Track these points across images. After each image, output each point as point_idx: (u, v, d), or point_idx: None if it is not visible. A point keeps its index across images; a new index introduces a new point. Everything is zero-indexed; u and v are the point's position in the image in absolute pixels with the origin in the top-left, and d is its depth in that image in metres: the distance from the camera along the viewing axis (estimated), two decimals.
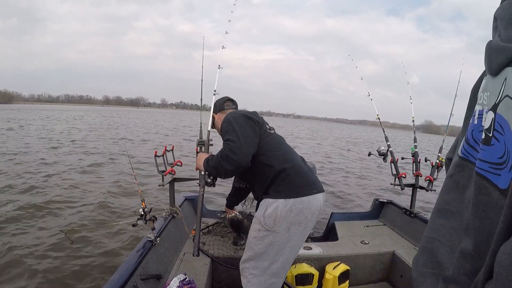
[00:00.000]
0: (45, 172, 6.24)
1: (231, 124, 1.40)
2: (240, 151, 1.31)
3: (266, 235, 1.35)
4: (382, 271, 2.24)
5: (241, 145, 1.32)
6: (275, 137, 1.52)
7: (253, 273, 1.40)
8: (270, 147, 1.44)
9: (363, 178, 8.53)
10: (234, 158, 1.31)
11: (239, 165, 1.33)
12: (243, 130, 1.37)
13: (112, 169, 7.02)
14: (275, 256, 1.36)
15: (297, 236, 1.36)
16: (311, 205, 1.35)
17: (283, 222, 1.32)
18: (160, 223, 1.93)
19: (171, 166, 2.05)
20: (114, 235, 3.48)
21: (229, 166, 1.34)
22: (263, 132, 1.48)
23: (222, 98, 1.80)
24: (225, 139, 1.38)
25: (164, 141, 13.82)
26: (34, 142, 10.73)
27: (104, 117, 34.98)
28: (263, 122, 1.53)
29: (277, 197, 1.34)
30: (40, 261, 2.86)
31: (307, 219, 1.35)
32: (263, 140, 1.45)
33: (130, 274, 1.38)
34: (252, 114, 1.51)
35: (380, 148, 2.45)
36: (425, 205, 5.14)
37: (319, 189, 1.42)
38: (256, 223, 1.40)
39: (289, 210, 1.32)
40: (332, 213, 2.80)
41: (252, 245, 1.40)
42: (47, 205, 4.30)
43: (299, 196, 1.33)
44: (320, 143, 20.50)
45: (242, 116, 1.45)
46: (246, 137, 1.36)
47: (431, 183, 2.38)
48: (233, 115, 1.47)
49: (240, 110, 1.67)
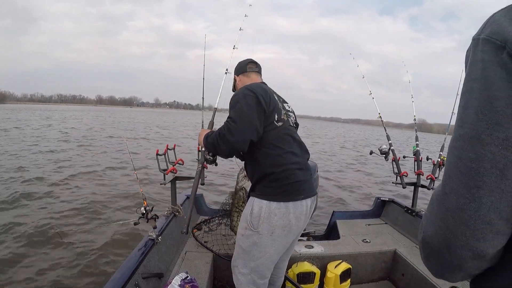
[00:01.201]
0: (44, 172, 6.26)
1: (239, 101, 1.30)
2: (238, 133, 1.26)
3: (250, 235, 1.33)
4: (384, 270, 2.24)
5: (241, 129, 1.26)
6: (279, 132, 1.36)
7: (242, 272, 1.40)
8: (269, 143, 1.34)
9: (364, 176, 8.53)
10: (230, 139, 1.26)
11: (234, 147, 1.29)
12: (249, 112, 1.28)
13: (114, 168, 7.03)
14: (260, 258, 1.34)
15: (281, 239, 1.33)
16: (295, 210, 1.32)
17: (267, 224, 1.29)
18: (161, 222, 1.93)
19: (173, 164, 2.05)
20: (116, 234, 3.48)
21: (224, 147, 1.30)
22: (269, 123, 1.34)
23: (245, 60, 1.65)
24: (228, 116, 1.32)
25: (166, 140, 13.85)
26: (35, 141, 10.76)
27: (100, 117, 35.02)
28: (273, 111, 1.36)
29: (261, 198, 1.31)
30: (42, 261, 2.87)
31: (291, 223, 1.31)
32: (266, 133, 1.33)
33: (131, 273, 1.38)
34: (265, 97, 1.35)
35: (382, 147, 2.44)
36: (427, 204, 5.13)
37: (307, 195, 1.36)
38: (243, 221, 1.38)
39: (273, 213, 1.29)
40: (333, 212, 2.80)
41: (240, 242, 1.39)
42: (47, 204, 4.32)
43: (283, 201, 1.30)
44: (317, 141, 20.49)
45: (255, 97, 1.31)
46: (250, 122, 1.27)
47: (433, 181, 2.37)
48: (246, 92, 1.34)
49: (257, 85, 1.43)
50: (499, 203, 0.37)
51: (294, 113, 1.56)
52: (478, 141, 0.38)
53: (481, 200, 0.38)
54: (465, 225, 0.40)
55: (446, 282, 1.81)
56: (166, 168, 1.97)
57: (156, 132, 18.54)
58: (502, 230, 0.39)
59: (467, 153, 0.39)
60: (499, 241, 0.40)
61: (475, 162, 0.38)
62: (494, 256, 0.41)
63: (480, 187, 0.38)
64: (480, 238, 0.39)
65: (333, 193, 6.14)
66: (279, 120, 1.37)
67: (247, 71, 1.61)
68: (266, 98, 1.34)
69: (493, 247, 0.40)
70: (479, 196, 0.38)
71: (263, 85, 1.49)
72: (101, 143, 11.49)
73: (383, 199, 2.89)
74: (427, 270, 2.02)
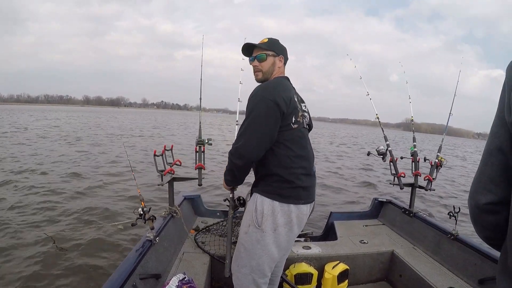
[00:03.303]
0: (42, 171, 6.24)
1: (254, 109, 1.25)
2: (251, 151, 1.26)
3: (254, 232, 1.33)
4: (381, 271, 2.24)
5: (254, 145, 1.25)
6: (294, 134, 1.32)
7: (242, 272, 1.39)
8: (281, 143, 1.30)
9: (361, 175, 8.55)
10: (240, 162, 1.30)
11: (248, 161, 1.30)
12: (262, 126, 1.24)
13: (111, 169, 7.01)
14: (262, 256, 1.34)
15: (283, 238, 1.34)
16: (297, 210, 1.33)
17: (270, 221, 1.30)
18: (159, 223, 1.93)
19: (170, 165, 2.05)
20: (113, 235, 3.47)
21: (239, 162, 1.31)
22: (285, 124, 1.29)
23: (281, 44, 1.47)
24: (239, 134, 1.30)
25: (164, 140, 13.82)
26: (32, 145, 10.70)
27: (90, 118, 34.89)
28: (292, 113, 1.30)
29: (264, 195, 1.32)
30: (38, 262, 2.85)
31: (293, 221, 1.33)
32: (282, 132, 1.29)
33: (129, 274, 1.38)
34: (286, 100, 1.27)
35: (379, 148, 2.45)
36: (425, 205, 5.14)
37: (307, 201, 1.36)
38: (247, 218, 1.37)
39: (276, 210, 1.30)
40: (331, 213, 2.81)
41: (242, 241, 1.39)
42: (44, 205, 4.30)
43: (284, 202, 1.30)
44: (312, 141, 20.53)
45: (272, 103, 1.24)
46: (261, 138, 1.25)
47: (430, 182, 2.38)
48: (265, 98, 1.25)
49: (281, 84, 1.34)
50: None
51: (309, 113, 1.50)
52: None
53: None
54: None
55: (444, 283, 1.82)
56: (164, 169, 1.97)
57: (154, 132, 18.52)
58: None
59: None
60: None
61: None
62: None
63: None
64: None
65: (330, 194, 6.15)
66: (296, 122, 1.32)
67: (285, 56, 1.45)
68: (287, 101, 1.28)
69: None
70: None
71: (287, 82, 1.41)
72: (99, 142, 11.45)
73: (380, 200, 2.90)
74: (424, 271, 2.03)
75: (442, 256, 2.09)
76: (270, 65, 1.41)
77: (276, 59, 1.41)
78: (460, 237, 2.03)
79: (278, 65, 1.42)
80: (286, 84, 1.39)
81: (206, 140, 2.04)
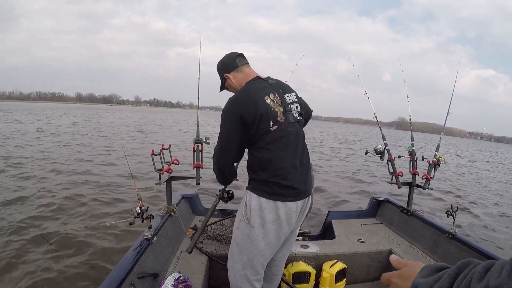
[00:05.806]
0: (40, 171, 6.21)
1: (223, 123, 1.36)
2: (220, 160, 1.44)
3: (244, 227, 1.37)
4: (379, 270, 2.25)
5: (221, 155, 1.42)
6: (274, 136, 1.31)
7: (235, 268, 1.43)
8: (260, 147, 1.32)
9: (359, 175, 8.57)
10: (215, 166, 1.47)
11: (220, 169, 1.48)
12: (230, 135, 1.35)
13: (109, 168, 6.99)
14: (252, 251, 1.37)
15: (271, 234, 1.35)
16: (284, 207, 1.33)
17: (258, 217, 1.33)
18: (157, 222, 1.92)
19: (168, 164, 2.04)
20: (111, 234, 3.46)
21: (217, 170, 1.49)
22: (263, 127, 1.29)
23: (231, 53, 1.48)
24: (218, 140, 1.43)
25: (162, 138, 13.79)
26: (25, 142, 10.66)
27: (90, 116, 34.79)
28: (265, 119, 1.29)
29: (253, 192, 1.36)
30: (36, 262, 2.85)
31: (281, 218, 1.33)
32: (261, 136, 1.31)
33: (127, 273, 1.38)
34: (252, 108, 1.28)
35: (377, 147, 2.45)
36: (423, 204, 5.16)
37: (296, 198, 1.35)
38: (239, 214, 1.43)
39: (262, 206, 1.32)
40: (329, 212, 2.81)
41: (234, 236, 1.44)
42: (40, 205, 4.28)
43: (271, 198, 1.32)
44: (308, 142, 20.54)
45: (237, 117, 1.30)
46: (229, 147, 1.38)
47: (428, 181, 2.38)
48: (230, 111, 1.32)
49: (247, 91, 1.35)
50: None
51: (300, 102, 1.47)
52: None
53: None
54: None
55: None
56: (162, 168, 1.97)
57: (152, 132, 18.48)
58: None
59: None
60: None
61: None
62: None
63: None
64: None
65: (328, 193, 6.16)
66: (276, 123, 1.31)
67: (238, 66, 1.45)
68: (253, 109, 1.28)
69: None
70: None
71: (257, 83, 1.39)
72: (97, 141, 11.42)
73: (378, 199, 2.91)
74: None
75: (440, 255, 2.10)
76: (233, 83, 1.47)
77: (230, 76, 1.46)
78: (457, 236, 2.04)
79: (235, 78, 1.46)
80: (256, 87, 1.36)
81: (204, 139, 2.04)
